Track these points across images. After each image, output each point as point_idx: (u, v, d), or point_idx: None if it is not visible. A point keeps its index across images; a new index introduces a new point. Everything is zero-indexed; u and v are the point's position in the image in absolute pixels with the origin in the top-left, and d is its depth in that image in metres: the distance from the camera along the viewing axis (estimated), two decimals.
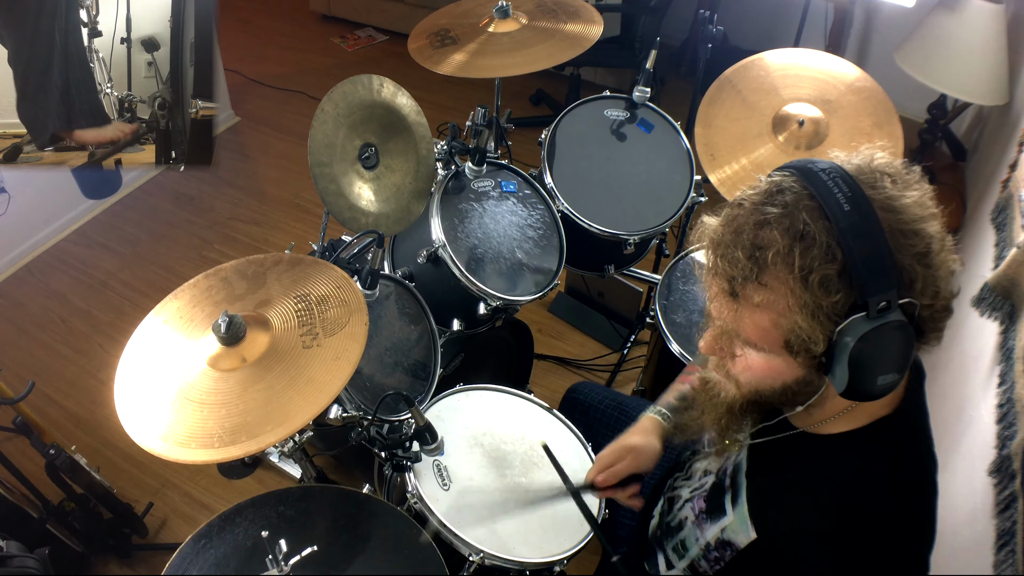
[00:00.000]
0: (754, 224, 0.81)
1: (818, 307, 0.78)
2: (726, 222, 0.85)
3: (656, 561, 1.26)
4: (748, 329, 0.86)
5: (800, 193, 0.80)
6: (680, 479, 1.26)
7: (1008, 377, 1.26)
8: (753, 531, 0.99)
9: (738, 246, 0.82)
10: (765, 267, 0.80)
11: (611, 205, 1.90)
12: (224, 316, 1.16)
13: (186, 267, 2.95)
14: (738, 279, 0.82)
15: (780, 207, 0.80)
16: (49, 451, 1.75)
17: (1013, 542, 1.06)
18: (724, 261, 0.84)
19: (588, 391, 1.68)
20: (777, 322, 0.82)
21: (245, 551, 1.23)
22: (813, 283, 0.77)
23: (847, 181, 0.79)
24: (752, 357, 0.89)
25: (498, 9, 1.87)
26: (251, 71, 4.03)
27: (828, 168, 0.81)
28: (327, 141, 1.53)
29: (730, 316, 0.87)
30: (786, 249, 0.78)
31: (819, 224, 0.78)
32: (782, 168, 0.86)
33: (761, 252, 0.80)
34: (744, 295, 0.83)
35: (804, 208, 0.79)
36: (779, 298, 0.81)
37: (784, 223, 0.79)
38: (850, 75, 1.72)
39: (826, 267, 0.77)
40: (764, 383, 0.91)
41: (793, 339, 0.82)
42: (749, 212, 0.83)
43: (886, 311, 0.77)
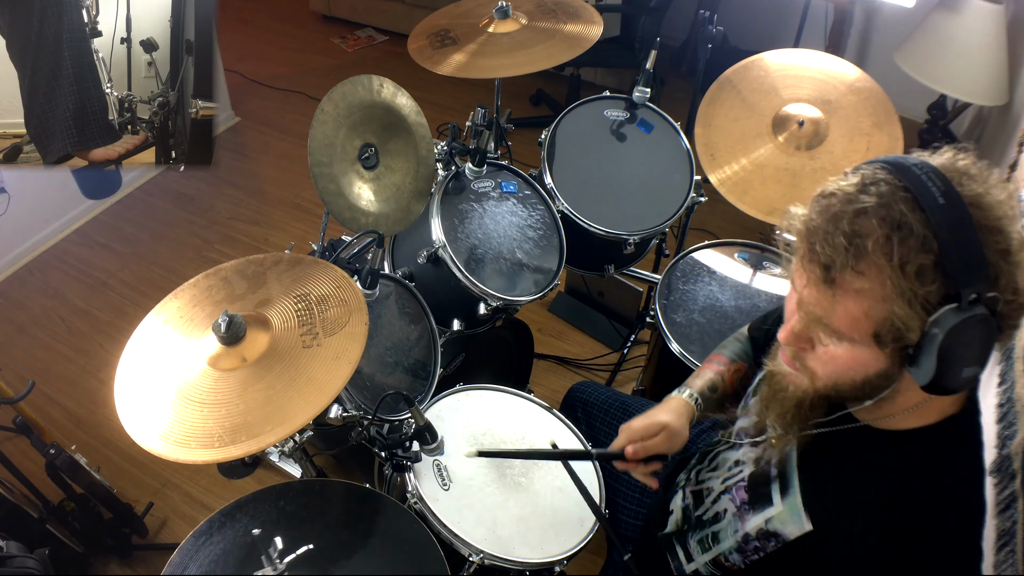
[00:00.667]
0: (852, 212, 0.82)
1: (914, 295, 0.80)
2: (820, 210, 0.86)
3: (672, 557, 1.25)
4: (840, 317, 0.86)
5: (894, 185, 0.82)
6: (704, 471, 1.24)
7: (1008, 377, 1.26)
8: (808, 523, 0.98)
9: (836, 233, 0.82)
10: (863, 255, 0.81)
11: (611, 205, 1.90)
12: (224, 316, 1.16)
13: (186, 267, 2.95)
14: (835, 266, 0.83)
15: (876, 196, 0.81)
16: (49, 451, 1.75)
17: (1013, 542, 1.06)
18: (821, 248, 0.84)
19: (590, 391, 1.67)
20: (871, 310, 0.83)
21: (246, 546, 1.23)
22: (910, 272, 0.79)
23: (939, 176, 0.81)
24: (836, 349, 0.89)
25: (498, 9, 1.87)
26: (251, 71, 4.03)
27: (919, 163, 0.83)
28: (327, 141, 1.53)
29: (822, 304, 0.87)
30: (884, 238, 0.79)
31: (915, 215, 0.79)
32: (871, 162, 0.87)
33: (860, 240, 0.81)
34: (841, 282, 0.84)
35: (900, 199, 0.80)
36: (876, 286, 0.81)
37: (882, 212, 0.80)
38: (850, 75, 1.72)
39: (922, 257, 0.78)
40: (845, 375, 0.90)
41: (885, 329, 0.83)
42: (844, 201, 0.83)
43: (975, 303, 0.78)
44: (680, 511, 1.27)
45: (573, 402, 1.68)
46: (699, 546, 1.18)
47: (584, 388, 1.69)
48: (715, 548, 1.14)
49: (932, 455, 0.91)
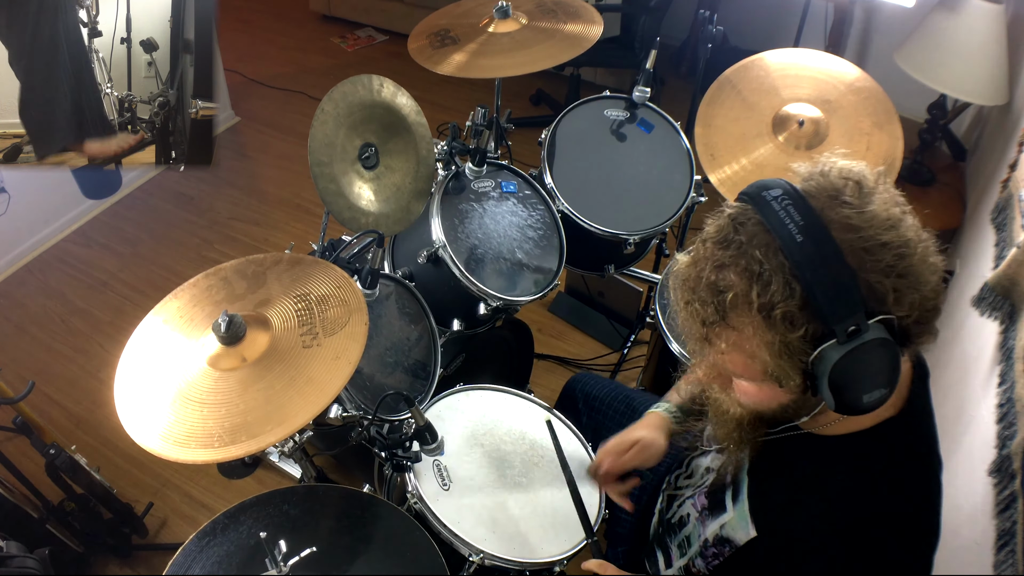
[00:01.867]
0: (712, 267, 0.82)
1: (784, 344, 0.79)
2: (691, 261, 0.86)
3: (656, 560, 1.26)
4: (731, 364, 0.88)
5: (755, 228, 0.80)
6: (682, 477, 1.26)
7: (1008, 377, 1.26)
8: (753, 529, 1.00)
9: (700, 291, 0.83)
10: (727, 311, 0.81)
11: (611, 205, 1.90)
12: (224, 316, 1.16)
13: (186, 267, 2.95)
14: (707, 322, 0.84)
15: (735, 247, 0.80)
16: (49, 451, 1.75)
17: (1013, 542, 1.06)
18: (691, 307, 0.85)
19: (592, 383, 1.66)
20: (752, 358, 0.83)
21: (248, 549, 1.23)
22: (776, 320, 0.78)
23: (800, 207, 0.78)
24: (744, 385, 0.91)
25: (498, 9, 1.87)
26: (251, 71, 4.03)
27: (780, 195, 0.80)
28: (327, 141, 1.53)
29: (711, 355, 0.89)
30: (744, 291, 0.79)
31: (774, 261, 0.77)
32: (741, 195, 0.85)
33: (721, 296, 0.81)
34: (716, 337, 0.85)
35: (758, 244, 0.79)
36: (746, 338, 0.82)
37: (740, 264, 0.79)
38: (850, 75, 1.72)
39: (786, 303, 0.77)
40: (762, 405, 0.92)
41: (770, 373, 0.83)
42: (710, 252, 0.83)
43: (858, 333, 0.76)
44: (657, 515, 1.29)
45: (573, 394, 1.67)
46: (678, 550, 1.19)
47: (586, 380, 1.68)
48: (688, 552, 1.15)
49: (867, 458, 0.91)
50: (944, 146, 2.64)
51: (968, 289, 1.51)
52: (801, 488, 0.97)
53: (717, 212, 0.86)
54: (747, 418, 0.97)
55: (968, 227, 2.23)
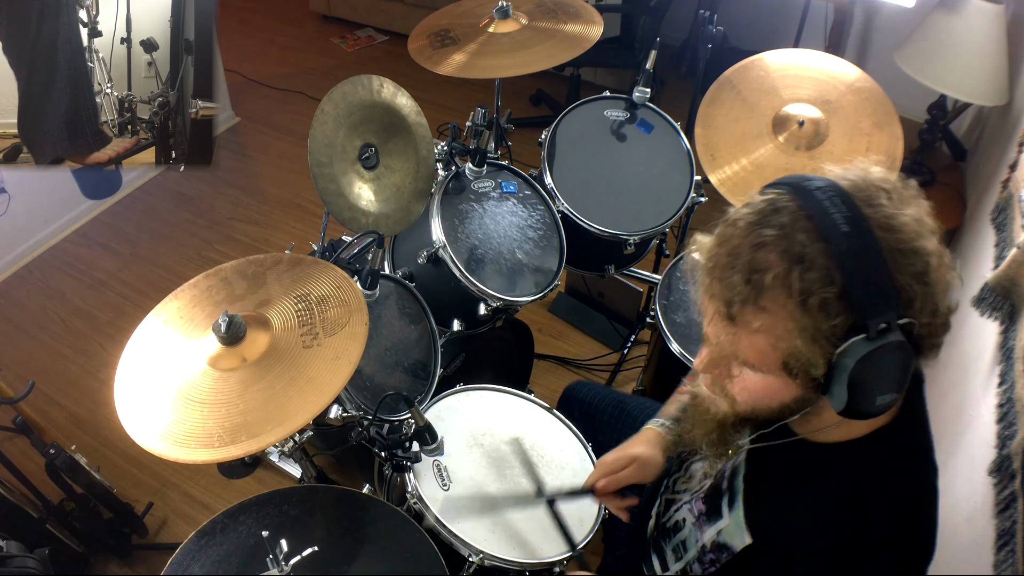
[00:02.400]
0: (750, 246, 0.79)
1: (817, 330, 0.77)
2: (721, 242, 0.83)
3: (652, 563, 1.26)
4: (746, 351, 0.85)
5: (796, 213, 0.79)
6: (680, 481, 1.26)
7: (1008, 377, 1.26)
8: (748, 536, 0.99)
9: (735, 269, 0.80)
10: (763, 290, 0.78)
11: (611, 205, 1.90)
12: (224, 316, 1.16)
13: (186, 267, 2.95)
14: (735, 302, 0.81)
15: (776, 228, 0.78)
16: (49, 451, 1.75)
17: (1013, 542, 1.06)
18: (720, 284, 0.82)
19: (587, 390, 1.67)
20: (776, 345, 0.81)
21: (248, 549, 1.23)
22: (812, 306, 0.76)
23: (844, 200, 0.78)
24: (749, 378, 0.89)
25: (498, 9, 1.87)
26: (251, 71, 4.03)
27: (824, 186, 0.79)
28: (327, 141, 1.53)
29: (727, 338, 0.85)
30: (784, 272, 0.77)
31: (817, 246, 0.76)
32: (775, 184, 0.84)
33: (759, 275, 0.78)
34: (742, 318, 0.82)
35: (801, 229, 0.77)
36: (778, 321, 0.79)
37: (781, 245, 0.77)
38: (850, 75, 1.72)
39: (825, 290, 0.76)
40: (761, 402, 0.90)
41: (792, 361, 0.82)
42: (744, 232, 0.81)
43: (886, 332, 0.76)
44: (654, 517, 1.29)
45: (570, 402, 1.68)
46: (673, 554, 1.19)
47: (581, 388, 1.69)
48: (684, 557, 1.15)
49: (861, 467, 0.91)
50: (944, 146, 2.64)
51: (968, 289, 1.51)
52: (796, 496, 0.96)
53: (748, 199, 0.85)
54: (730, 419, 0.95)
55: (968, 227, 2.23)
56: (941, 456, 0.92)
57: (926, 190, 1.34)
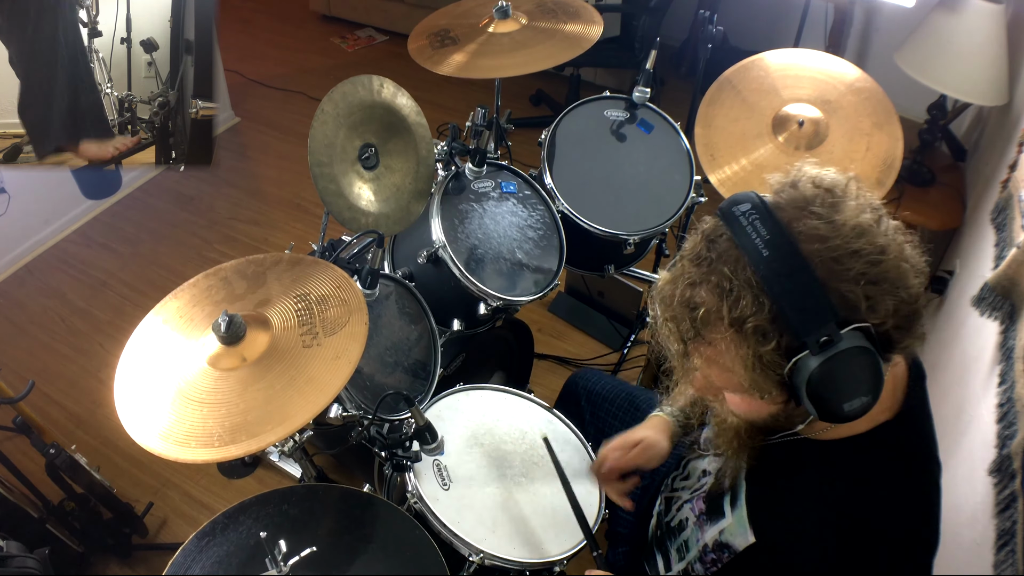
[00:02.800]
0: (685, 284, 0.83)
1: (758, 357, 0.79)
2: (671, 280, 0.87)
3: (655, 562, 1.26)
4: (714, 378, 0.89)
5: (726, 244, 0.81)
6: (678, 479, 1.26)
7: (1008, 377, 1.26)
8: (752, 535, 0.99)
9: (677, 308, 0.84)
10: (704, 326, 0.82)
11: (611, 205, 1.90)
12: (224, 315, 1.16)
13: (186, 267, 2.95)
14: (686, 337, 0.85)
15: (706, 265, 0.82)
16: (49, 451, 1.75)
17: (1013, 542, 1.06)
18: (669, 323, 0.87)
19: (594, 380, 1.66)
20: (731, 371, 0.84)
21: (248, 549, 1.23)
22: (748, 333, 0.79)
23: (767, 221, 0.79)
24: (732, 396, 0.92)
25: (498, 9, 1.87)
26: (251, 71, 4.03)
27: (748, 210, 0.81)
28: (327, 141, 1.53)
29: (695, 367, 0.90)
30: (716, 307, 0.80)
31: (742, 276, 0.78)
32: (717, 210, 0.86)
33: (695, 312, 0.82)
34: (695, 352, 0.87)
35: (727, 261, 0.80)
36: (721, 352, 0.83)
37: (712, 280, 0.81)
38: (850, 75, 1.72)
39: (756, 317, 0.78)
40: (751, 415, 0.94)
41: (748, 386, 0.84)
42: (684, 271, 0.85)
43: (830, 344, 0.76)
44: (655, 517, 1.29)
45: (575, 391, 1.67)
46: (677, 554, 1.19)
47: (588, 376, 1.68)
48: (687, 557, 1.15)
49: (864, 463, 0.91)
50: (944, 146, 2.63)
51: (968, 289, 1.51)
52: (799, 494, 0.97)
53: (694, 229, 0.88)
54: (744, 427, 0.98)
55: (968, 227, 2.23)
56: (942, 456, 0.92)
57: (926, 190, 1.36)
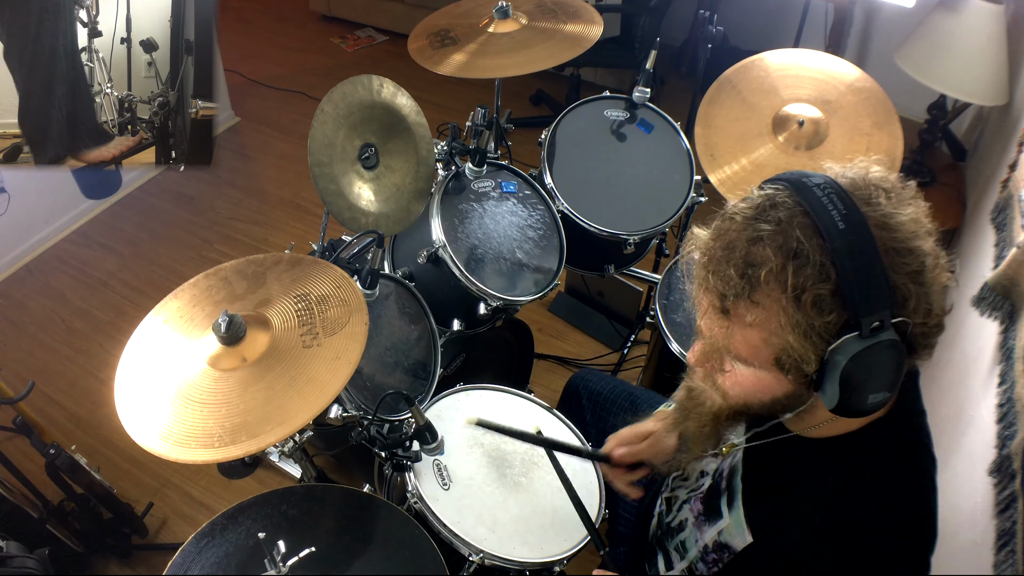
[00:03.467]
0: (747, 240, 0.80)
1: (811, 327, 0.78)
2: (717, 236, 0.84)
3: (656, 561, 1.26)
4: (738, 345, 0.85)
5: (794, 209, 0.79)
6: (678, 479, 1.26)
7: (1008, 377, 1.26)
8: (749, 535, 0.99)
9: (730, 263, 0.80)
10: (758, 285, 0.79)
11: (611, 205, 1.90)
12: (224, 316, 1.16)
13: (186, 267, 2.95)
14: (729, 296, 0.81)
15: (773, 223, 0.79)
16: (49, 451, 1.75)
17: (1013, 542, 1.06)
18: (715, 277, 0.82)
19: (595, 380, 1.65)
20: (768, 340, 0.82)
21: (248, 550, 1.23)
22: (806, 302, 0.76)
23: (842, 197, 0.78)
24: (741, 372, 0.89)
25: (498, 9, 1.87)
26: (251, 71, 4.03)
27: (823, 183, 0.79)
28: (327, 141, 1.53)
29: (720, 332, 0.86)
30: (779, 268, 0.77)
31: (813, 242, 0.76)
32: (774, 180, 0.84)
33: (754, 270, 0.78)
34: (735, 312, 0.82)
35: (798, 225, 0.77)
36: (771, 316, 0.80)
37: (777, 240, 0.78)
38: (850, 75, 1.72)
39: (819, 287, 0.76)
40: (753, 397, 0.90)
41: (784, 357, 0.82)
42: (741, 227, 0.81)
43: (879, 330, 0.76)
44: (656, 517, 1.29)
45: (576, 390, 1.66)
46: (676, 553, 1.19)
47: (588, 377, 1.68)
48: (687, 557, 1.15)
49: (858, 460, 0.91)
50: (944, 146, 2.64)
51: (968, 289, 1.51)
52: (795, 493, 0.96)
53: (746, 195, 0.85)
54: (725, 412, 0.95)
55: (968, 227, 2.23)
56: (941, 456, 0.92)
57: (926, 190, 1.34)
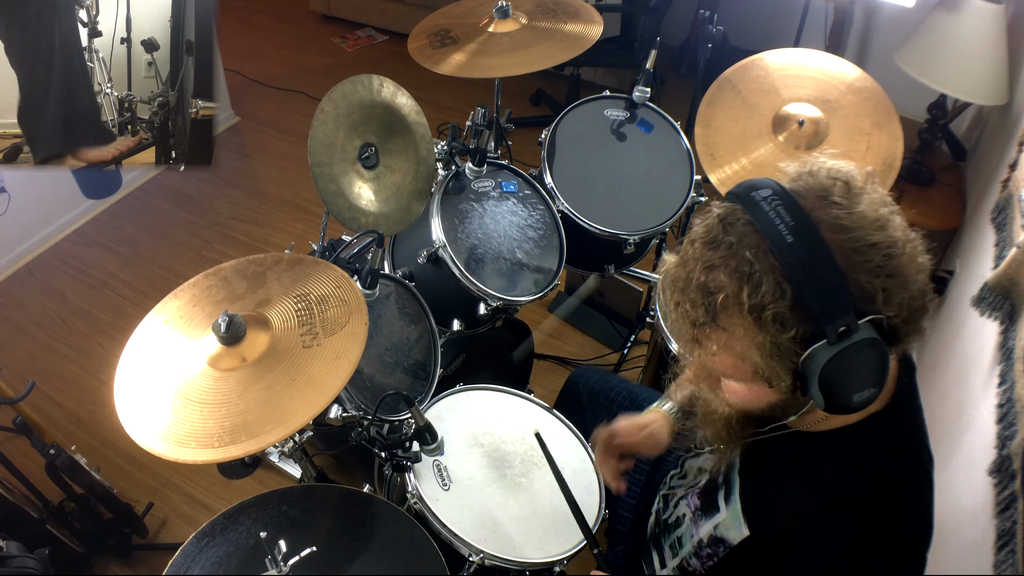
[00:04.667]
0: (702, 268, 0.81)
1: (775, 344, 0.79)
2: (680, 262, 0.86)
3: (651, 560, 1.26)
4: (719, 365, 0.88)
5: (745, 228, 0.80)
6: (676, 477, 1.26)
7: (1008, 377, 1.26)
8: (746, 528, 1.00)
9: (690, 292, 0.83)
10: (718, 311, 0.80)
11: (611, 205, 1.90)
12: (224, 316, 1.16)
13: (186, 267, 2.95)
14: (698, 323, 0.83)
15: (725, 248, 0.80)
16: (49, 451, 1.75)
17: (1013, 542, 1.06)
18: (680, 308, 0.85)
19: (595, 377, 1.66)
20: (741, 361, 0.84)
21: (248, 549, 1.23)
22: (767, 321, 0.78)
23: (790, 208, 0.78)
24: (733, 385, 0.91)
25: (498, 9, 1.87)
26: (251, 71, 4.03)
27: (769, 195, 0.80)
28: (327, 141, 1.53)
29: (700, 355, 0.88)
30: (735, 292, 0.78)
31: (765, 262, 0.77)
32: (730, 194, 0.85)
33: (711, 297, 0.80)
34: (705, 339, 0.85)
35: (747, 246, 0.78)
36: (735, 340, 0.82)
37: (731, 265, 0.79)
38: (850, 75, 1.72)
39: (777, 304, 0.77)
40: (751, 404, 0.93)
41: (760, 372, 0.84)
42: (699, 252, 0.82)
43: (848, 334, 0.76)
44: (654, 515, 1.29)
45: (576, 388, 1.67)
46: (671, 550, 1.19)
47: (588, 374, 1.68)
48: (680, 552, 1.15)
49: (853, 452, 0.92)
50: (944, 146, 2.63)
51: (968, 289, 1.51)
52: (792, 485, 0.97)
53: (705, 212, 0.86)
54: (735, 417, 0.97)
55: (968, 227, 2.23)
56: (941, 456, 0.92)
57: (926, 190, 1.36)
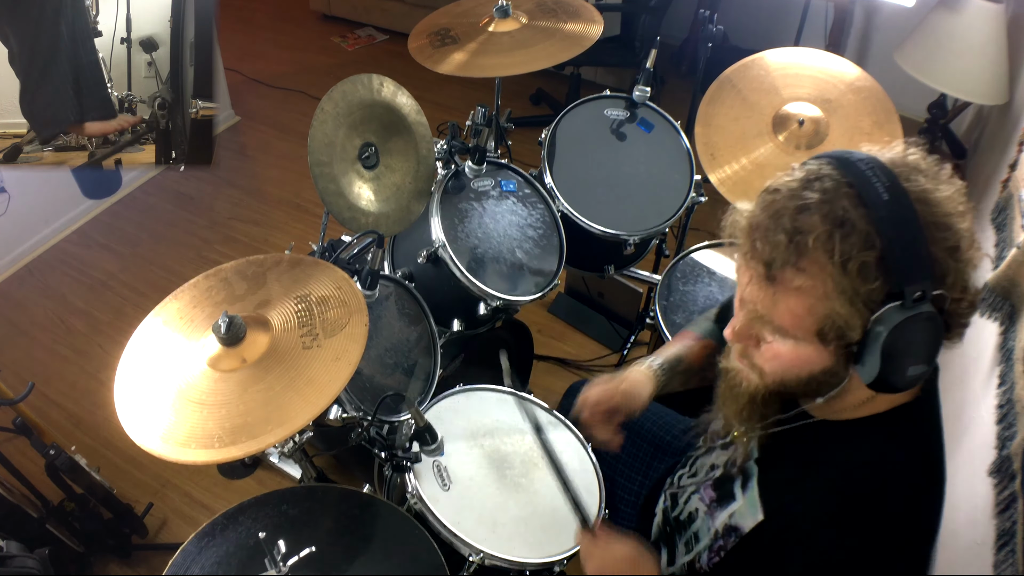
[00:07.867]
0: (794, 209, 0.81)
1: (856, 293, 0.79)
2: (763, 206, 0.85)
3: (659, 559, 1.26)
4: (782, 315, 0.86)
5: (839, 181, 0.81)
6: (685, 476, 1.26)
7: (1008, 377, 1.26)
8: (761, 512, 0.99)
9: (777, 230, 0.82)
10: (804, 252, 0.80)
11: (611, 205, 1.90)
12: (224, 317, 1.16)
13: (186, 267, 2.95)
14: (776, 263, 0.82)
15: (820, 193, 0.81)
16: (49, 451, 1.75)
17: (1013, 542, 1.06)
18: (762, 244, 0.83)
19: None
20: (813, 308, 0.82)
21: (248, 549, 1.23)
22: (852, 270, 0.78)
23: (884, 171, 0.80)
24: (780, 345, 0.89)
25: (498, 9, 1.87)
26: (251, 70, 4.03)
27: (865, 158, 0.82)
28: (327, 141, 1.53)
29: (764, 302, 0.86)
30: (826, 235, 0.79)
31: (858, 211, 0.78)
32: (818, 157, 0.86)
33: (801, 237, 0.80)
34: (781, 279, 0.83)
35: (843, 195, 0.80)
36: (817, 283, 0.81)
37: (824, 209, 0.80)
38: (850, 74, 1.72)
39: (865, 254, 0.77)
40: (790, 372, 0.90)
41: (827, 326, 0.82)
42: (787, 197, 0.83)
43: (920, 301, 0.77)
44: (661, 514, 1.29)
45: (574, 399, 1.67)
46: (684, 547, 1.19)
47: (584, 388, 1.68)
48: (695, 548, 1.14)
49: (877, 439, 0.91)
50: (944, 146, 2.64)
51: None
52: (809, 468, 0.96)
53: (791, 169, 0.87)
54: (761, 392, 0.95)
55: None
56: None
57: None
